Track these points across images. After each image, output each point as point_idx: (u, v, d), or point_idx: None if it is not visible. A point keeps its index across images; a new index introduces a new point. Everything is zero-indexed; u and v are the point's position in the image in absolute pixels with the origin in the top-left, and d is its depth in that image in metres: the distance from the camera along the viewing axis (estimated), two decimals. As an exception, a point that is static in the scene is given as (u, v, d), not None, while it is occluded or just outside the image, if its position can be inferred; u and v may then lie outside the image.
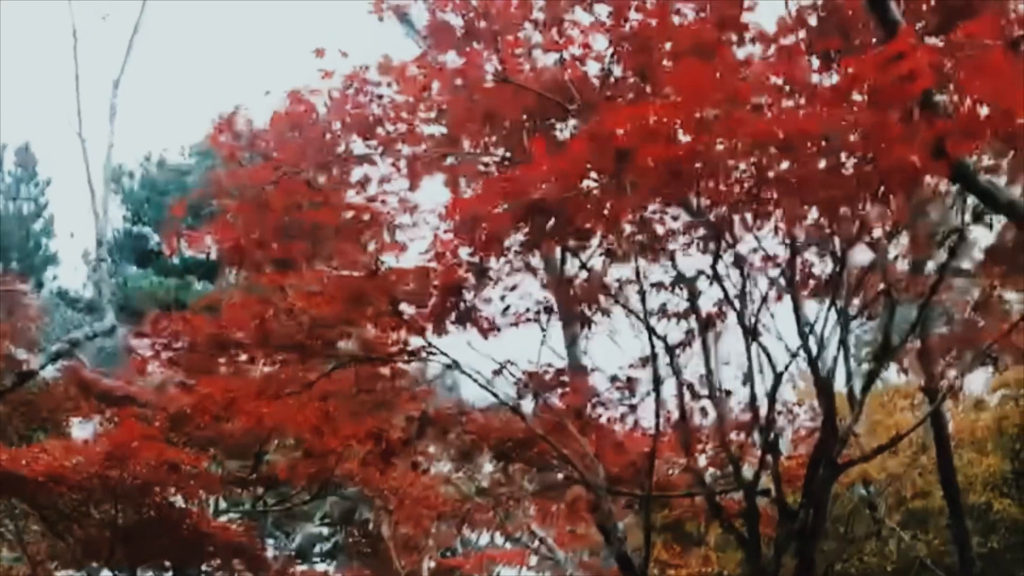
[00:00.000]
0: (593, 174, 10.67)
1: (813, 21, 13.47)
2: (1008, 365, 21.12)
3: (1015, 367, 22.01)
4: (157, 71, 48.65)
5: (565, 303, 17.06)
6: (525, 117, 14.12)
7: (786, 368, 15.50)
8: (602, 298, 15.75)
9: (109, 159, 30.55)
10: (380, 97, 14.89)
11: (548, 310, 17.19)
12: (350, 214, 15.51)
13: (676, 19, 13.25)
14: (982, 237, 16.08)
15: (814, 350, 15.25)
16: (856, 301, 15.93)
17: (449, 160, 15.10)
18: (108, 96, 30.34)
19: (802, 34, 13.32)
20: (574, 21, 13.69)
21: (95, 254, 30.08)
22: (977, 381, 25.23)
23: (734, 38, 13.35)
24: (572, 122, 14.12)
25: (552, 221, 11.71)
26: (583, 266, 15.46)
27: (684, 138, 10.14)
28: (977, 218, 15.46)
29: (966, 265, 16.38)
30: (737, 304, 15.02)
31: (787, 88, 11.15)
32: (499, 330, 16.36)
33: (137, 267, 48.45)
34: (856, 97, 10.22)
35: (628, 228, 13.10)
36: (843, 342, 15.84)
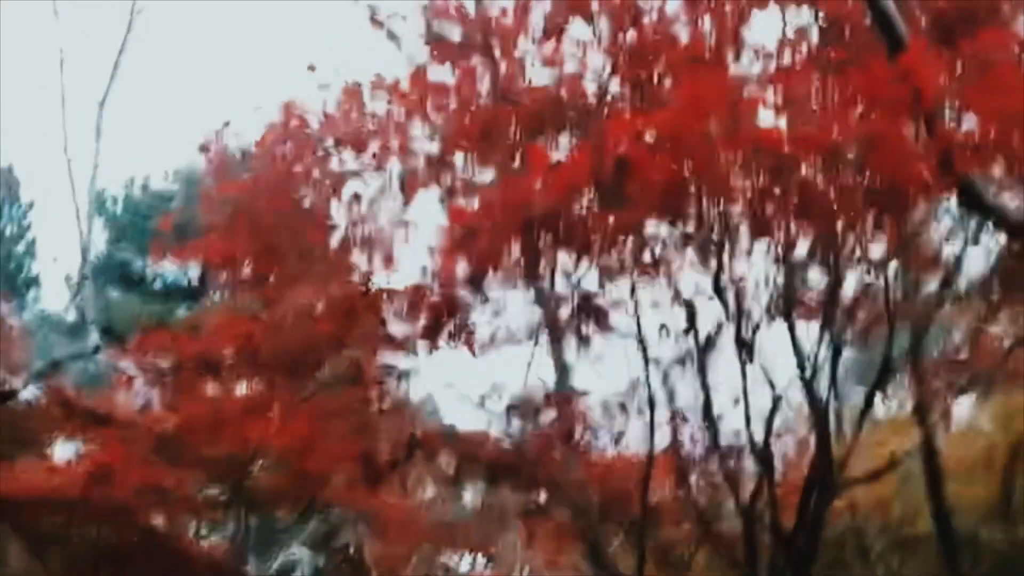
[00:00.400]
0: (593, 187, 10.45)
1: (814, 36, 13.35)
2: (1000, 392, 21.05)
3: (1006, 395, 21.87)
4: (141, 94, 48.21)
5: (554, 324, 16.88)
6: (519, 134, 13.92)
7: (784, 389, 15.31)
8: (595, 318, 15.54)
9: (94, 178, 30.30)
10: (373, 115, 14.70)
11: (535, 332, 17.01)
12: (341, 231, 15.29)
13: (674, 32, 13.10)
14: (975, 259, 16.03)
15: (808, 374, 15.09)
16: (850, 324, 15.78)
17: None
18: (94, 116, 30.14)
19: (804, 48, 13.20)
20: (572, 36, 13.50)
21: (79, 272, 29.83)
22: (963, 407, 25.06)
23: (731, 55, 13.20)
24: (565, 140, 13.90)
25: (551, 234, 11.52)
26: (576, 285, 15.29)
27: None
28: (974, 241, 15.34)
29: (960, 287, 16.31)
30: (733, 325, 14.85)
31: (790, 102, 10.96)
32: (498, 347, 16.17)
33: (120, 291, 48.05)
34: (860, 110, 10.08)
35: (627, 244, 12.91)
36: (835, 366, 15.68)
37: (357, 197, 15.06)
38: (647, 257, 13.57)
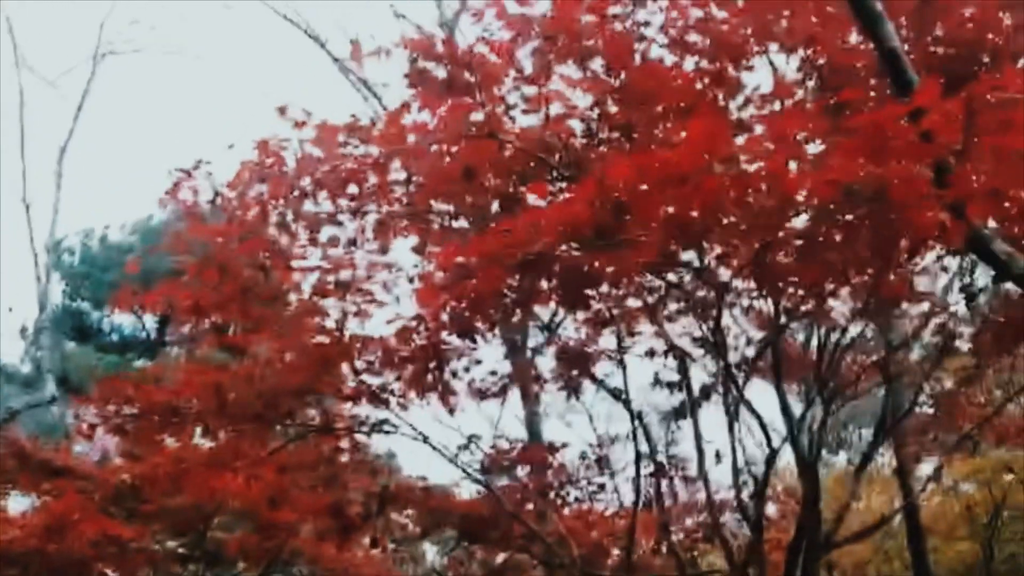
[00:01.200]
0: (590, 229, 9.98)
1: (811, 82, 13.02)
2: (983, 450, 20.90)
3: (989, 453, 21.72)
4: (101, 144, 48.02)
5: (529, 375, 16.55)
6: (498, 179, 13.46)
7: (778, 448, 14.89)
8: (580, 367, 15.18)
9: (54, 225, 29.93)
10: (351, 156, 14.21)
11: (510, 383, 16.66)
12: (315, 277, 14.77)
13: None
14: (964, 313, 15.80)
15: (796, 430, 14.74)
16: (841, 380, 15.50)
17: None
18: (53, 162, 29.82)
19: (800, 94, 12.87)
20: (561, 74, 13.05)
21: (36, 321, 29.42)
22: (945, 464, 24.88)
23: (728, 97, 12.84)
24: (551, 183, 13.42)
25: (543, 278, 11.08)
26: (553, 333, 14.93)
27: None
28: (970, 298, 15.10)
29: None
30: (722, 380, 14.50)
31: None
32: (488, 397, 15.76)
33: (76, 343, 47.58)
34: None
35: (619, 290, 12.51)
36: (825, 423, 15.34)
37: (333, 240, 14.53)
38: (638, 305, 13.24)
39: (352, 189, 13.99)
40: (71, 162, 31.02)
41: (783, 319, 13.90)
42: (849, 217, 9.98)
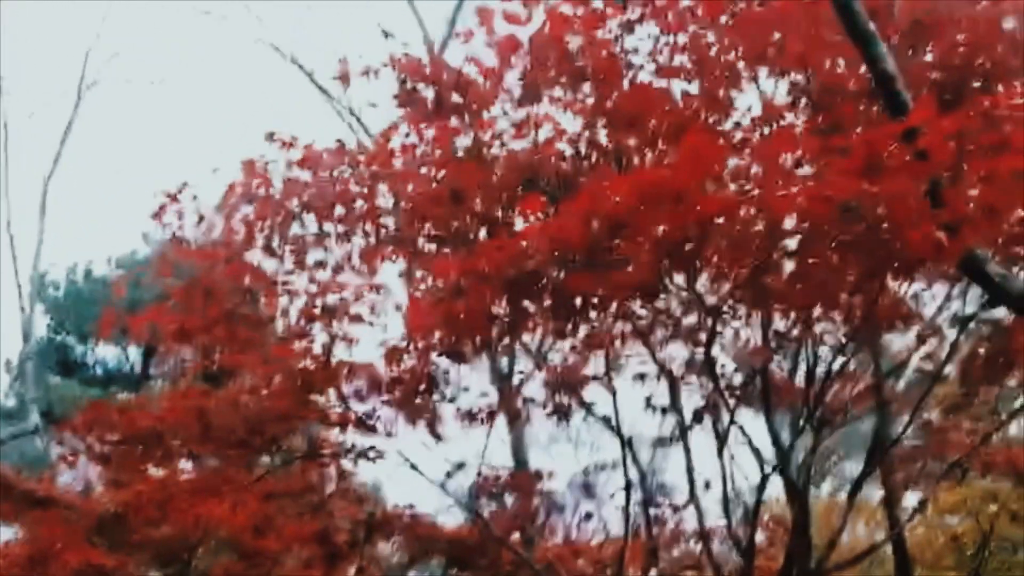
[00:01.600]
0: (582, 248, 9.90)
1: (801, 105, 12.97)
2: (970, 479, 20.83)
3: (976, 482, 21.63)
4: (85, 178, 47.84)
5: (516, 401, 16.44)
6: (485, 203, 13.37)
7: (769, 473, 14.77)
8: (569, 392, 15.07)
9: (38, 255, 29.84)
10: (339, 179, 14.15)
11: (497, 409, 16.56)
12: (302, 301, 14.67)
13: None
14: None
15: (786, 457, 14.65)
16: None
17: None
18: (38, 192, 29.77)
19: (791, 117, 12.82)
20: (551, 96, 12.97)
21: (20, 353, 29.28)
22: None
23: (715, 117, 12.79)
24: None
25: (534, 299, 10.97)
26: (542, 357, 14.82)
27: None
28: (963, 323, 15.03)
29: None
30: (712, 405, 14.39)
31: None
32: (476, 422, 15.66)
33: (60, 377, 47.44)
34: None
35: (610, 312, 12.39)
36: (815, 450, 15.24)
37: (320, 264, 14.44)
38: (628, 328, 13.14)
39: (339, 211, 13.91)
40: (55, 192, 30.90)
41: (773, 343, 13.81)
42: (843, 237, 9.89)
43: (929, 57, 12.89)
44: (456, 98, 12.95)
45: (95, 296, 46.80)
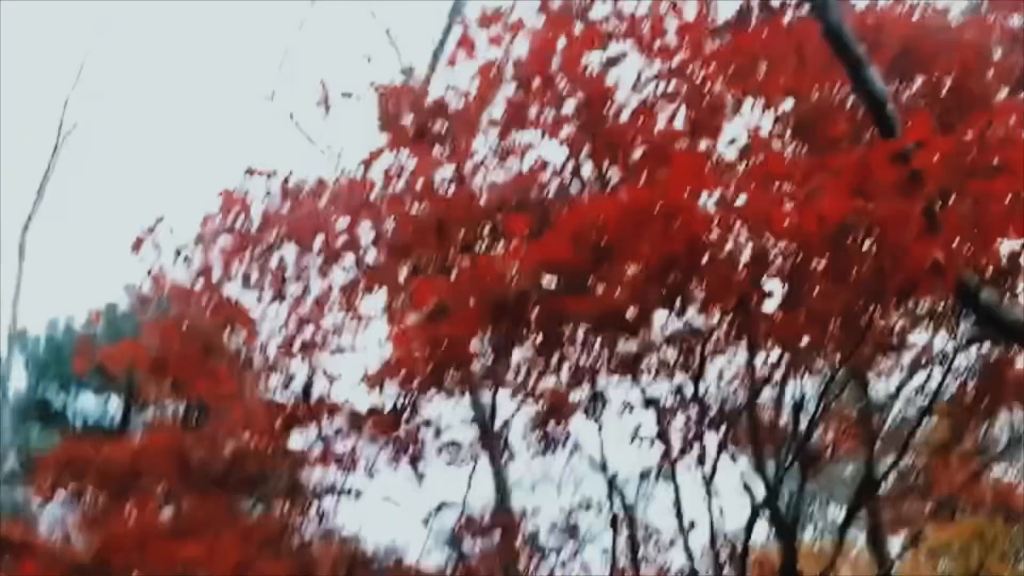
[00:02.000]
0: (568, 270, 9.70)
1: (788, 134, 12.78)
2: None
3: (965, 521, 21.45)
4: (65, 230, 47.58)
5: (496, 438, 16.26)
6: (469, 233, 13.13)
7: (759, 508, 14.53)
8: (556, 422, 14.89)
9: (17, 298, 29.62)
10: (318, 210, 13.92)
11: (478, 447, 16.38)
12: (282, 334, 14.43)
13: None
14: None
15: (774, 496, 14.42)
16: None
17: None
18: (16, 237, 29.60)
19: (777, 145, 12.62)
20: (535, 122, 12.72)
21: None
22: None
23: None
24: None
25: (520, 324, 10.76)
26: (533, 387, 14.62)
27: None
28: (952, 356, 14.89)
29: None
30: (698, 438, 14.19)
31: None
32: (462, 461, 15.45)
33: (39, 427, 47.33)
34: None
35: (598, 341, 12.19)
36: (803, 487, 15.02)
37: (299, 298, 14.19)
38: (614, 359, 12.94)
39: (319, 243, 13.68)
40: (34, 238, 30.71)
41: (763, 374, 13.58)
42: (835, 259, 9.71)
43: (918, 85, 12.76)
44: (439, 126, 12.73)
45: (75, 350, 46.66)
